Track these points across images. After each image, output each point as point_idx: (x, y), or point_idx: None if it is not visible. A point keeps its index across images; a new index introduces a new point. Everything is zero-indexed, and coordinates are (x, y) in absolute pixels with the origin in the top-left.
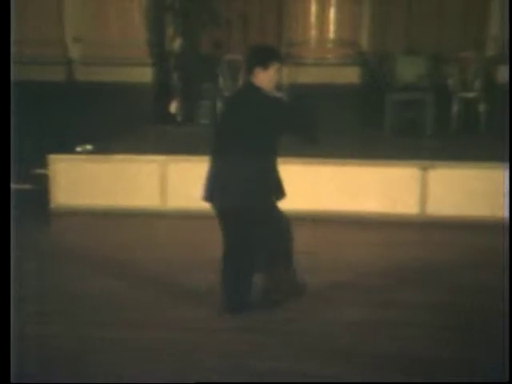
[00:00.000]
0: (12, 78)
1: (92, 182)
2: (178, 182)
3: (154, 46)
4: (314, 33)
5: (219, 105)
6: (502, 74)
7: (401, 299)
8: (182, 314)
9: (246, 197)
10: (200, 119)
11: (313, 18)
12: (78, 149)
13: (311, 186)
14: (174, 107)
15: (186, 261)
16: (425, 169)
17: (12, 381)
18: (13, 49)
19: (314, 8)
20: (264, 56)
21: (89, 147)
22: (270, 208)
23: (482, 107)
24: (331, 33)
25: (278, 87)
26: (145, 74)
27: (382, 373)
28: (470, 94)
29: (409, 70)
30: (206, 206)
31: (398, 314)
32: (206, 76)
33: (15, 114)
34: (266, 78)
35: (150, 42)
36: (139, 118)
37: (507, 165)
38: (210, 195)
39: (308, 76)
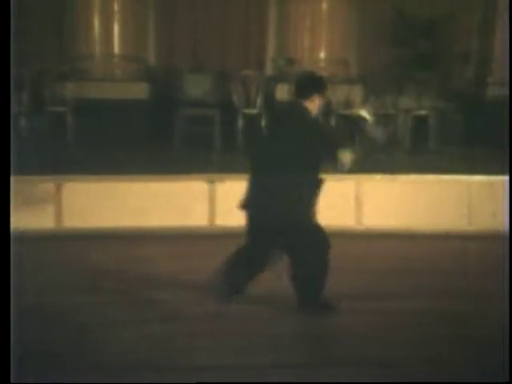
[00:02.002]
0: None
1: None
2: None
3: None
4: (99, 47)
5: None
6: (280, 91)
7: (189, 311)
8: None
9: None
10: None
11: (97, 33)
12: None
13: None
14: None
15: None
16: (213, 182)
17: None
18: None
19: (97, 22)
20: (318, 84)
21: None
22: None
23: (263, 123)
24: (117, 48)
25: None
26: None
27: None
28: (253, 111)
29: (196, 86)
30: None
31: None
32: None
33: None
34: (315, 105)
35: None
36: None
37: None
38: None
39: (95, 91)
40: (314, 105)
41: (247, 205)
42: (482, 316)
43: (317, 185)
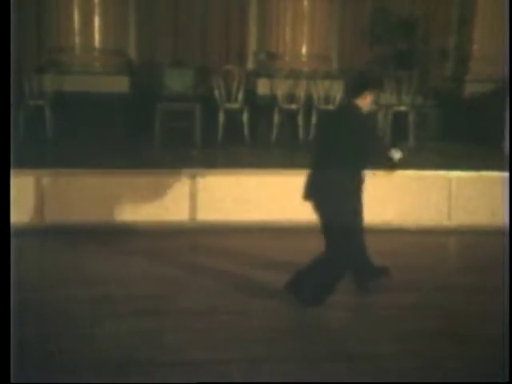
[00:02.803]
0: None
1: None
2: None
3: None
4: (78, 39)
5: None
6: (262, 86)
7: (174, 307)
8: None
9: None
10: None
11: (77, 25)
12: None
13: (83, 197)
14: None
15: None
16: (194, 177)
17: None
18: None
19: (77, 14)
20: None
21: None
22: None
23: (245, 117)
24: (97, 40)
25: None
26: None
27: None
28: (235, 105)
29: (177, 80)
30: None
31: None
32: None
33: None
34: (366, 102)
35: None
36: None
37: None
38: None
39: (74, 84)
40: (365, 102)
41: (308, 195)
42: (478, 313)
43: (362, 181)
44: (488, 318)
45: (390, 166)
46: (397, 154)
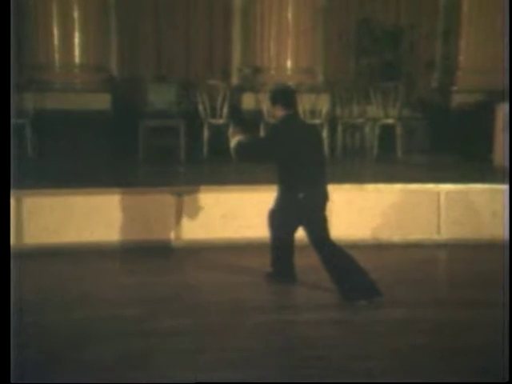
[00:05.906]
0: None
1: None
2: None
3: None
4: (58, 56)
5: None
6: (247, 100)
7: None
8: None
9: None
10: None
11: (56, 41)
12: None
13: (67, 217)
14: None
15: None
16: (179, 194)
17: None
18: None
19: (56, 30)
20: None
21: None
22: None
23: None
24: (77, 57)
25: None
26: None
27: None
28: (219, 121)
29: (160, 96)
30: None
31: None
32: None
33: None
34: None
35: None
36: None
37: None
38: None
39: (55, 102)
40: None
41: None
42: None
43: None
44: (481, 329)
45: None
46: None
